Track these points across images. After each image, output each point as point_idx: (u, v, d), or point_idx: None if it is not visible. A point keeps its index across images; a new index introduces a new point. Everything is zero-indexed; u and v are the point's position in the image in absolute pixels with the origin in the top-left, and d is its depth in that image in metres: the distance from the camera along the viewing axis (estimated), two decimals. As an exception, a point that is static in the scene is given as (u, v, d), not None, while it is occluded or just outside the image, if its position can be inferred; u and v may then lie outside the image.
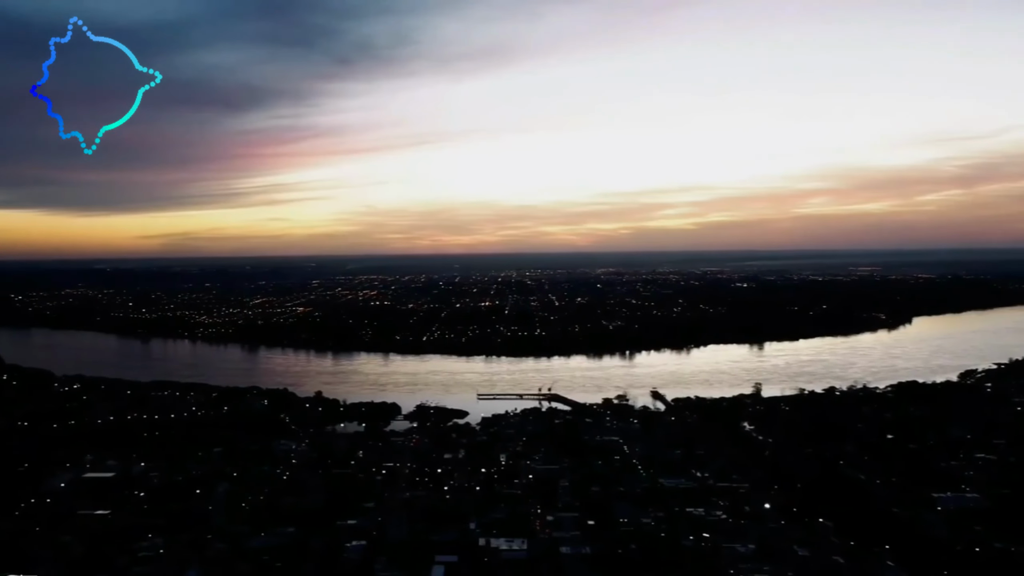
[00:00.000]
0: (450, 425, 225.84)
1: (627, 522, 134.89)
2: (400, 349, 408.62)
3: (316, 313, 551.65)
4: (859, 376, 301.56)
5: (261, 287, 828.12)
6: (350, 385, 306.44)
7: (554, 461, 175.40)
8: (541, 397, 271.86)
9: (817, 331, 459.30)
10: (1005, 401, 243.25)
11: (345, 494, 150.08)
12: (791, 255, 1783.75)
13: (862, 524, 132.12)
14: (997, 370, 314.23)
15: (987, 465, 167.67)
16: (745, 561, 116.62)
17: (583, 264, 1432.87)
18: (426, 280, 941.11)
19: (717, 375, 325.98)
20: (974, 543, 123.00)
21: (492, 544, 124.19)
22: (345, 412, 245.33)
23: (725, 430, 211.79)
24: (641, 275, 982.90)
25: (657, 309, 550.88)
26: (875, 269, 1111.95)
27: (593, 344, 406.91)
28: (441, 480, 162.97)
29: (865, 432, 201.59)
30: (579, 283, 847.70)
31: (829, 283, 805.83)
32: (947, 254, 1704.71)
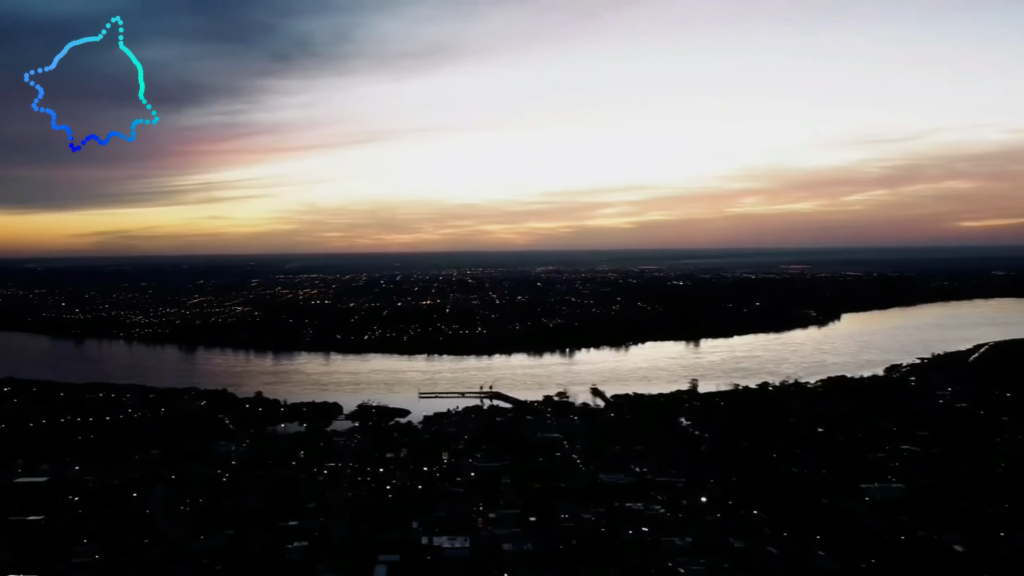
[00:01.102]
0: (392, 424, 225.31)
1: (568, 518, 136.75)
2: (341, 348, 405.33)
3: (256, 312, 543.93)
4: (791, 371, 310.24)
5: (199, 286, 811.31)
6: (291, 385, 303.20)
7: (496, 459, 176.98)
8: (483, 395, 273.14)
9: (751, 328, 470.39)
10: (928, 394, 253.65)
11: (286, 495, 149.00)
12: (725, 253, 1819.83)
13: (795, 515, 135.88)
14: (920, 364, 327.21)
15: (911, 456, 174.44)
16: (683, 554, 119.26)
17: (523, 262, 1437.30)
18: (367, 279, 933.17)
19: (655, 372, 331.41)
20: (900, 532, 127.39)
21: (435, 543, 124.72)
22: (286, 412, 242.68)
23: (663, 426, 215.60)
24: (580, 273, 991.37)
25: (596, 307, 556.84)
26: (805, 267, 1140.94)
27: (534, 342, 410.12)
28: (383, 480, 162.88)
29: (797, 426, 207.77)
30: (520, 281, 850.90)
31: (762, 281, 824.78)
32: (873, 252, 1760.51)
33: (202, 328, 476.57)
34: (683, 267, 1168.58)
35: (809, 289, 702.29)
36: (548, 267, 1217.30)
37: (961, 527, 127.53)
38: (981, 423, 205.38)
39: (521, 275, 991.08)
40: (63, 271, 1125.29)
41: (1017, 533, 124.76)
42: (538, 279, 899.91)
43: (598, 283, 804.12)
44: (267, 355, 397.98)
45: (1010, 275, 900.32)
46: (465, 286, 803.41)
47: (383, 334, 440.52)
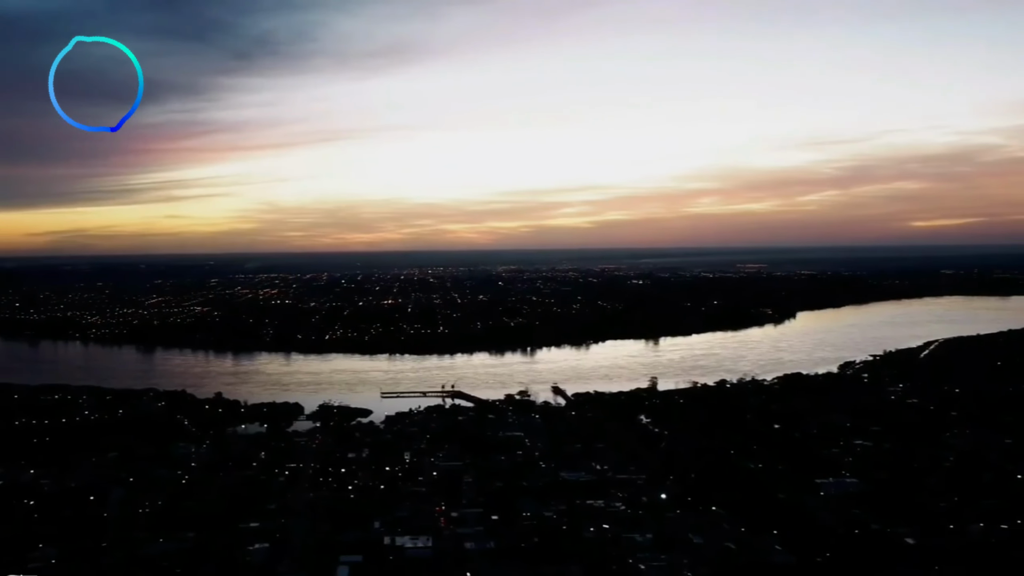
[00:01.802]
0: (354, 424, 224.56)
1: (530, 516, 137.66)
2: (302, 348, 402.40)
3: (215, 313, 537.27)
4: (748, 369, 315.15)
5: (157, 286, 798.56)
6: (251, 385, 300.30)
7: (458, 458, 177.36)
8: (445, 394, 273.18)
9: (709, 326, 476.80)
10: (880, 390, 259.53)
11: (247, 496, 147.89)
12: (683, 253, 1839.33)
13: (752, 510, 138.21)
14: (873, 361, 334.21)
15: (865, 451, 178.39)
16: (643, 550, 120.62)
17: (485, 261, 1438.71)
18: (328, 278, 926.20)
19: (615, 370, 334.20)
20: (854, 525, 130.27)
21: (397, 542, 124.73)
22: (246, 413, 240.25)
23: (623, 423, 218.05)
24: (541, 272, 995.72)
25: (557, 306, 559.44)
26: (761, 266, 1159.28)
27: (495, 341, 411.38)
28: (345, 480, 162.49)
29: (754, 422, 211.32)
30: (481, 281, 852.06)
31: (719, 280, 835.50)
32: (826, 251, 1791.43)
33: (160, 328, 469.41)
34: (642, 266, 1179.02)
35: (765, 288, 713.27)
36: (509, 266, 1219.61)
37: (912, 520, 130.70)
38: (931, 418, 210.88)
39: (482, 274, 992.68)
40: (17, 271, 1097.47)
41: (967, 525, 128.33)
42: (499, 278, 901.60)
43: (559, 282, 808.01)
44: (227, 355, 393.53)
45: (958, 274, 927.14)
46: (427, 285, 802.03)
47: (344, 334, 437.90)
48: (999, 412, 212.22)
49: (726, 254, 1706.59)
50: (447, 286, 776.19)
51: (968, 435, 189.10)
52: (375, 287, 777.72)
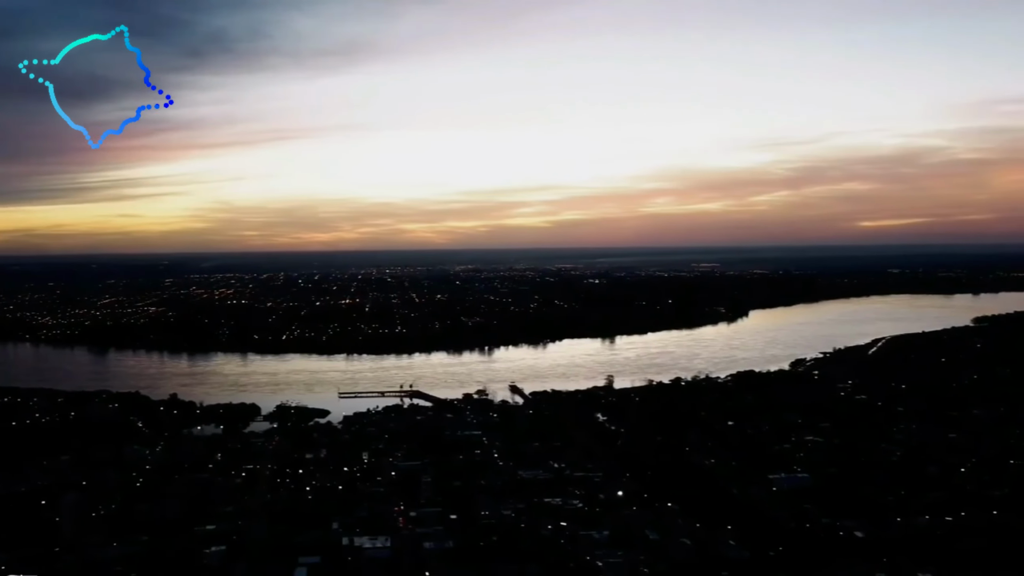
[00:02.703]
0: (311, 425, 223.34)
1: (488, 515, 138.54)
2: (259, 349, 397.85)
3: (170, 313, 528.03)
4: (702, 367, 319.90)
5: (110, 286, 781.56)
6: (207, 386, 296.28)
7: (416, 457, 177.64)
8: (403, 394, 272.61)
9: (664, 325, 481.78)
10: (830, 387, 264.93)
11: (203, 499, 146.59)
12: (638, 252, 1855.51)
13: (706, 506, 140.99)
14: (823, 358, 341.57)
15: (815, 447, 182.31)
16: (600, 547, 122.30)
17: (442, 261, 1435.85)
18: (285, 278, 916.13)
19: (573, 368, 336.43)
20: (805, 520, 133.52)
21: (355, 543, 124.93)
22: (202, 414, 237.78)
23: (580, 421, 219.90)
24: (499, 272, 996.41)
25: (515, 305, 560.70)
26: (715, 265, 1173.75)
27: (453, 340, 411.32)
28: (303, 481, 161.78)
29: (708, 420, 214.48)
30: (439, 280, 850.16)
31: (673, 279, 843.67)
32: (778, 251, 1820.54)
33: (113, 329, 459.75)
34: (598, 266, 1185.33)
35: (719, 287, 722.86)
36: (467, 266, 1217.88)
37: (861, 513, 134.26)
38: (879, 414, 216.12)
39: (440, 274, 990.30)
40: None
41: (913, 517, 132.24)
42: (457, 278, 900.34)
43: (516, 282, 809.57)
44: (182, 356, 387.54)
45: (904, 273, 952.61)
46: (384, 285, 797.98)
47: (302, 334, 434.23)
48: (944, 407, 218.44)
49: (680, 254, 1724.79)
50: (405, 286, 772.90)
51: (914, 430, 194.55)
52: (332, 287, 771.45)
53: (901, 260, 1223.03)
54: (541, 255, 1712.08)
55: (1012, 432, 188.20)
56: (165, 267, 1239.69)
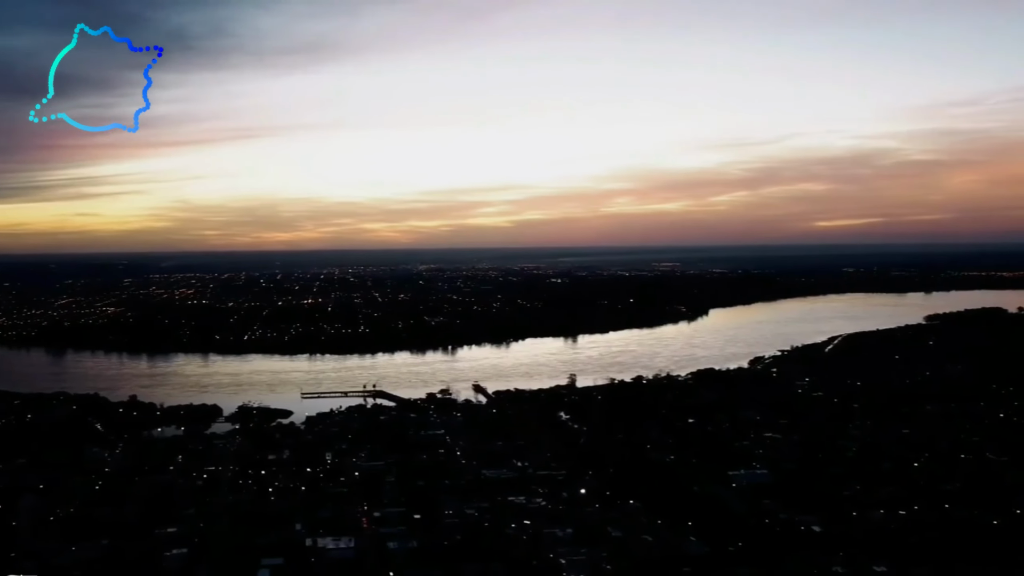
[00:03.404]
0: (274, 425, 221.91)
1: (452, 514, 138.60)
2: (220, 349, 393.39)
3: (129, 313, 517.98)
4: (663, 365, 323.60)
5: (67, 286, 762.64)
6: (168, 388, 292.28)
7: (380, 457, 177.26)
8: (366, 394, 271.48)
9: (626, 323, 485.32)
10: (788, 384, 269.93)
11: (164, 501, 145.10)
12: (600, 252, 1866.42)
13: (668, 503, 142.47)
14: (781, 356, 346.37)
15: (774, 443, 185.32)
16: (564, 545, 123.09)
17: (405, 260, 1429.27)
18: (246, 278, 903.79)
19: (536, 367, 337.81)
20: (764, 515, 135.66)
21: (319, 544, 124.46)
22: (162, 416, 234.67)
23: (543, 420, 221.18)
24: (461, 271, 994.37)
25: (478, 305, 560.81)
26: (675, 265, 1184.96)
27: (416, 340, 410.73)
28: (265, 482, 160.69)
29: (669, 417, 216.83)
30: (402, 280, 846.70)
31: (635, 278, 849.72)
32: (737, 250, 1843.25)
33: (71, 330, 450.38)
34: (561, 265, 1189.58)
35: (679, 286, 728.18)
36: (430, 265, 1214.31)
37: (819, 509, 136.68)
38: (835, 410, 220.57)
39: (403, 273, 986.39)
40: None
41: (868, 512, 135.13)
42: (420, 277, 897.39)
43: (479, 281, 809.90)
44: (141, 357, 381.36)
45: (859, 272, 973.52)
46: (347, 284, 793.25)
47: (264, 334, 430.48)
48: (897, 404, 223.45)
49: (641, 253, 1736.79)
50: (367, 285, 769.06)
51: (869, 426, 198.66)
52: (294, 286, 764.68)
53: (856, 259, 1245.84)
54: (504, 255, 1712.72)
55: (963, 427, 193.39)
56: (124, 267, 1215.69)
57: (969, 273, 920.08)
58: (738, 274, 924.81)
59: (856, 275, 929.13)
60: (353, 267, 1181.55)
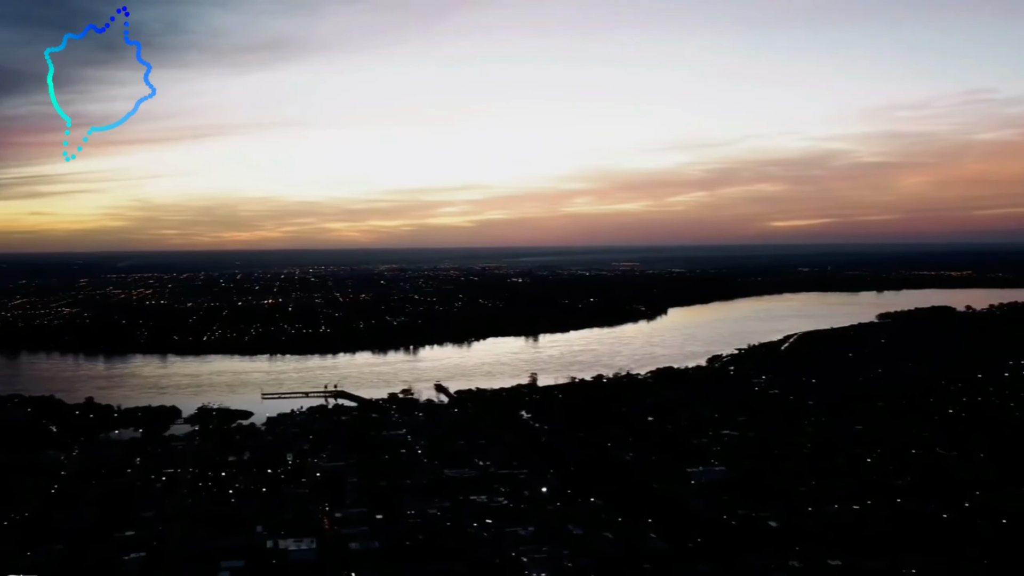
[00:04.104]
0: (234, 427, 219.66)
1: (414, 514, 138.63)
2: (179, 350, 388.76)
3: (85, 314, 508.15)
4: (624, 364, 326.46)
5: (21, 287, 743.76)
6: (125, 389, 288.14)
7: (341, 458, 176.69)
8: (327, 394, 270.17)
9: (586, 323, 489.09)
10: (745, 382, 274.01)
11: (121, 504, 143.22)
12: (560, 251, 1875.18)
13: (628, 500, 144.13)
14: (738, 354, 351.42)
15: (731, 440, 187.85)
16: (526, 543, 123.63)
17: (366, 260, 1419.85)
18: (205, 278, 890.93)
19: (497, 367, 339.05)
20: (722, 511, 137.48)
21: (280, 546, 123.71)
22: (120, 418, 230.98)
23: (505, 419, 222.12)
24: (423, 271, 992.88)
25: (439, 304, 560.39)
26: (635, 264, 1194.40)
27: (378, 340, 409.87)
28: (225, 484, 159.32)
29: (629, 415, 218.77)
30: (363, 279, 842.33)
31: (595, 277, 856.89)
32: (695, 250, 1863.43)
33: (25, 331, 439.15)
34: (521, 264, 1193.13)
35: (639, 285, 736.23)
36: (391, 265, 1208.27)
37: (775, 504, 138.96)
38: (791, 408, 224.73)
39: (364, 273, 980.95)
40: None
41: (823, 506, 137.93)
42: (381, 277, 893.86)
43: (440, 281, 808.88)
44: (98, 359, 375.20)
45: (813, 271, 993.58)
46: (308, 284, 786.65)
47: (223, 334, 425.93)
48: (851, 400, 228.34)
49: (601, 253, 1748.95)
50: (328, 285, 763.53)
51: (824, 423, 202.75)
52: (255, 286, 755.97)
53: (810, 259, 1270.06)
54: (465, 254, 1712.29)
55: (914, 424, 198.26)
56: (80, 267, 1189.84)
57: (919, 272, 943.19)
58: (696, 273, 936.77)
59: (811, 274, 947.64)
60: (314, 267, 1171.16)
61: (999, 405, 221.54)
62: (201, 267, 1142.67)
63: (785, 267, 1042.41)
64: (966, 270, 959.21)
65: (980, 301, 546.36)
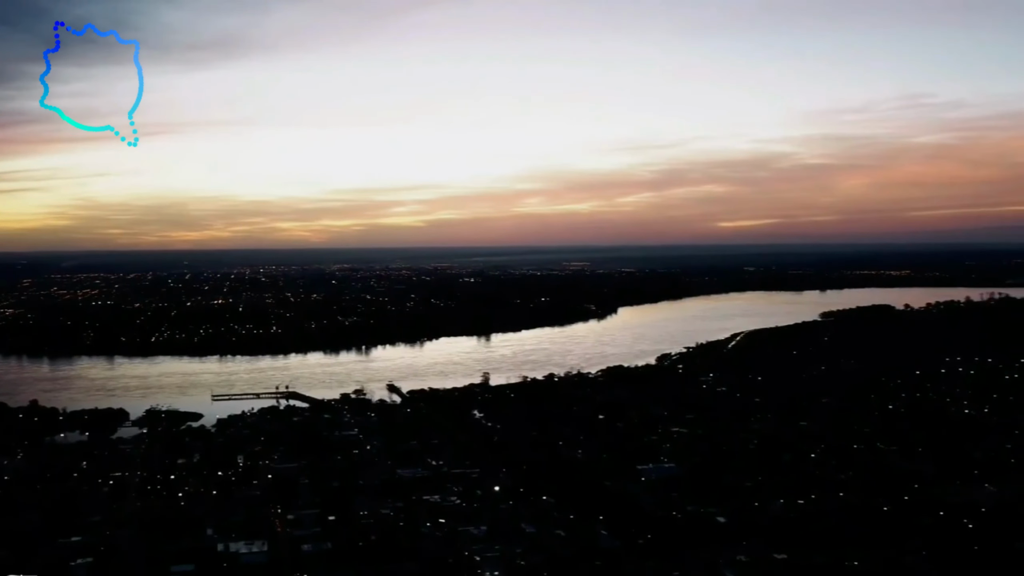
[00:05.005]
0: (184, 429, 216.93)
1: (367, 515, 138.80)
2: (127, 351, 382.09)
3: (29, 315, 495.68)
4: (575, 363, 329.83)
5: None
6: (72, 392, 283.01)
7: (293, 459, 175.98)
8: (279, 395, 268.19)
9: (538, 322, 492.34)
10: (693, 380, 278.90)
11: (68, 509, 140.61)
12: (512, 251, 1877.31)
13: (580, 498, 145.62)
14: (687, 353, 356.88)
15: (680, 438, 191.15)
16: (479, 543, 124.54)
17: (318, 260, 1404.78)
18: (153, 278, 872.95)
19: (450, 367, 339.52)
20: (672, 508, 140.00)
21: (231, 548, 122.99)
22: (65, 421, 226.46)
23: (457, 419, 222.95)
24: (375, 271, 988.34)
25: (392, 304, 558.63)
26: (585, 264, 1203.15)
27: (330, 340, 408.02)
28: (175, 487, 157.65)
29: (580, 414, 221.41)
30: (314, 279, 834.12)
31: (546, 277, 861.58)
32: (644, 250, 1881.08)
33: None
34: (473, 264, 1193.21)
35: (589, 285, 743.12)
36: (343, 265, 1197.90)
37: (723, 500, 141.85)
38: (738, 405, 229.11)
39: (316, 273, 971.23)
40: None
41: (769, 502, 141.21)
42: (333, 277, 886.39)
43: (392, 281, 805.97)
44: (42, 361, 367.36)
45: (759, 271, 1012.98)
46: (258, 284, 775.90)
47: (172, 335, 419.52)
48: (795, 398, 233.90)
49: (552, 253, 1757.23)
50: (279, 285, 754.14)
51: (769, 420, 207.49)
52: (204, 287, 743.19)
53: (756, 259, 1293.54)
54: (417, 254, 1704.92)
55: (855, 420, 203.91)
56: (23, 267, 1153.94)
57: (860, 272, 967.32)
58: (645, 273, 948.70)
59: (756, 274, 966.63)
60: (264, 267, 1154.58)
61: (936, 401, 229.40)
62: (149, 267, 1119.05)
63: (732, 267, 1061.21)
64: (904, 269, 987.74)
65: (918, 300, 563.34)
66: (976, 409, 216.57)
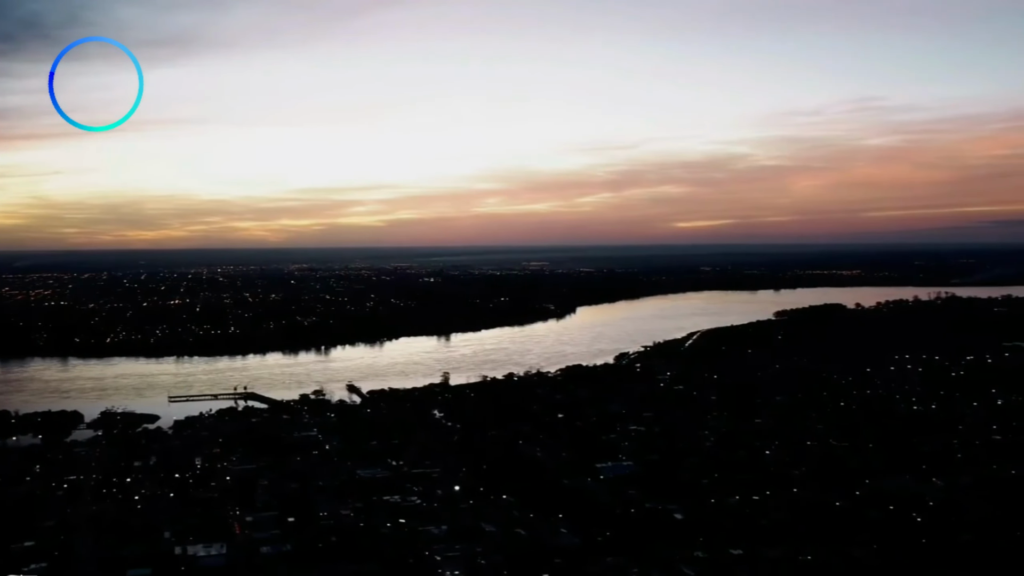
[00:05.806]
0: (140, 431, 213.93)
1: (327, 515, 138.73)
2: (81, 352, 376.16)
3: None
4: (534, 362, 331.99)
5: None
6: (24, 394, 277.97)
7: (252, 461, 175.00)
8: (237, 396, 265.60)
9: (498, 322, 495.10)
10: (651, 379, 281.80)
11: (20, 514, 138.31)
12: (471, 251, 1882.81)
13: (539, 497, 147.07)
14: (644, 352, 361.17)
15: (639, 435, 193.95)
16: (439, 542, 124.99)
17: (276, 260, 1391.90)
18: (108, 278, 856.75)
19: (411, 366, 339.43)
20: (630, 505, 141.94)
21: (189, 551, 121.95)
22: (17, 424, 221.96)
23: (418, 419, 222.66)
24: (334, 271, 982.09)
25: (351, 304, 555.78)
26: (544, 264, 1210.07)
27: (289, 340, 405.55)
28: (131, 490, 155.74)
29: (540, 413, 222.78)
30: (273, 279, 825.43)
31: (506, 277, 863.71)
32: (602, 250, 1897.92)
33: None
34: (433, 264, 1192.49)
35: (549, 284, 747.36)
36: (302, 265, 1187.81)
37: (680, 497, 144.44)
38: (695, 403, 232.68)
39: (274, 273, 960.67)
40: None
41: (725, 498, 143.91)
42: (292, 277, 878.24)
43: (352, 280, 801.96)
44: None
45: (715, 271, 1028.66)
46: (216, 284, 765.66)
47: (128, 336, 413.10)
48: (751, 396, 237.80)
49: (512, 252, 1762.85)
50: (237, 285, 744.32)
51: (725, 417, 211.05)
52: (161, 287, 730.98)
53: (712, 259, 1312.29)
54: (376, 254, 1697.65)
55: (808, 416, 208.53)
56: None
57: (813, 272, 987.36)
58: (604, 273, 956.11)
59: (712, 274, 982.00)
60: (222, 267, 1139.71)
61: (886, 397, 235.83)
62: (104, 267, 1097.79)
63: (689, 267, 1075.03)
64: (855, 269, 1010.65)
65: (868, 299, 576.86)
66: (924, 405, 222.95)
